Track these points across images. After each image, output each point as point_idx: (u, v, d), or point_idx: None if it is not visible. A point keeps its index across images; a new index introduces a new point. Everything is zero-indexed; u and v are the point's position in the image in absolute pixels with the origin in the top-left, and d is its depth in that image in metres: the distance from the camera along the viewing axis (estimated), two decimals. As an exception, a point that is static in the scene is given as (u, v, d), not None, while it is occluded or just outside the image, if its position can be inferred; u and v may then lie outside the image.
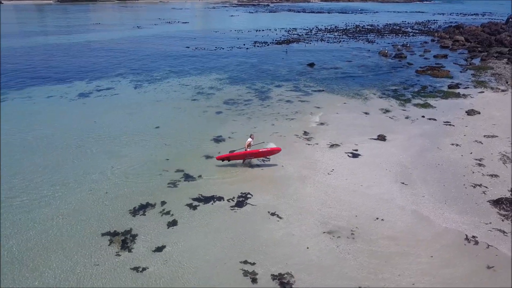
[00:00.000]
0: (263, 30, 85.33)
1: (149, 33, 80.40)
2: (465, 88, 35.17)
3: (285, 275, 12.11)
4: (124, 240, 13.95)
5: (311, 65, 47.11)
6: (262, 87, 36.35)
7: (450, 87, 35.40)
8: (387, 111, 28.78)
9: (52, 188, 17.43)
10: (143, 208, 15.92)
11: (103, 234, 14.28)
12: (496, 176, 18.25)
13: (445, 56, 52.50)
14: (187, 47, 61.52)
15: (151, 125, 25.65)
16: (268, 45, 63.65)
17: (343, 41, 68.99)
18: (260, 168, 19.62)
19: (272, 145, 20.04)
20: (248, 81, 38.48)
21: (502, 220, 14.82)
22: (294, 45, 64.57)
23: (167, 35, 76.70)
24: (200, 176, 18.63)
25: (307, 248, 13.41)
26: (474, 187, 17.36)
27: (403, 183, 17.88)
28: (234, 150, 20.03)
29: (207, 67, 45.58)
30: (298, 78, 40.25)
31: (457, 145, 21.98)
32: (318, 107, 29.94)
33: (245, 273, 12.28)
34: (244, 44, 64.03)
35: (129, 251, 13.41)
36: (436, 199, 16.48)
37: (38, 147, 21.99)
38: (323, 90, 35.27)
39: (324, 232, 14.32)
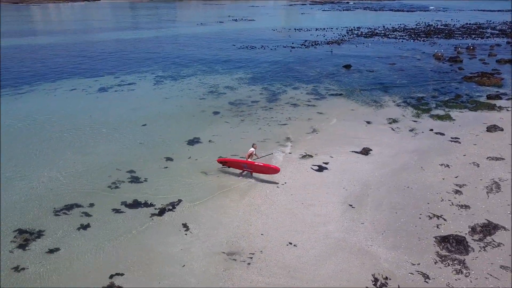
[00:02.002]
0: (324, 29, 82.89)
1: (207, 30, 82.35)
2: (508, 99, 30.53)
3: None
4: (28, 238, 14.04)
5: (347, 66, 44.45)
6: (278, 88, 35.07)
7: (489, 97, 31.05)
8: (394, 121, 25.99)
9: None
10: (70, 208, 15.96)
11: (14, 231, 14.52)
12: (466, 207, 15.41)
13: (511, 62, 46.21)
14: (233, 44, 61.77)
15: (139, 122, 25.93)
16: (317, 45, 61.49)
17: (402, 42, 64.25)
18: (212, 175, 18.70)
19: (276, 156, 19.02)
20: (268, 82, 37.38)
21: (435, 262, 12.39)
22: (345, 45, 61.68)
23: (221, 33, 77.84)
24: (145, 180, 18.32)
25: (183, 266, 12.38)
26: (431, 218, 14.82)
27: (351, 205, 15.88)
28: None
29: (237, 66, 45.21)
30: (323, 80, 38.17)
31: (446, 166, 19.04)
32: (321, 113, 28.10)
33: (110, 285, 11.66)
34: (292, 43, 62.61)
35: (24, 249, 13.47)
36: (375, 228, 14.34)
37: (15, 136, 23.19)
38: (341, 94, 33.02)
39: (223, 252, 13.15)
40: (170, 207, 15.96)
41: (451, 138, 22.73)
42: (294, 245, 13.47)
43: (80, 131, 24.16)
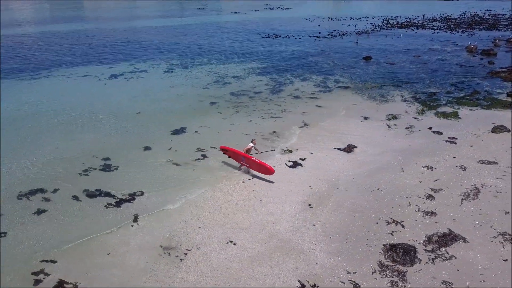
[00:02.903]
0: (358, 19, 79.96)
1: (238, 18, 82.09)
2: (531, 97, 28.02)
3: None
4: (-17, 220, 14.51)
5: (367, 58, 42.69)
6: (286, 79, 34.30)
7: (509, 94, 28.63)
8: (393, 118, 24.65)
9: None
10: (33, 193, 16.26)
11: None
12: (432, 214, 14.28)
13: (551, 56, 42.40)
14: (258, 33, 61.08)
15: (135, 110, 26.22)
16: (344, 35, 59.47)
17: (438, 33, 60.80)
18: (184, 167, 18.53)
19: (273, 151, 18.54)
20: (279, 73, 36.65)
21: (373, 272, 11.57)
22: (374, 36, 59.43)
23: (252, 21, 77.23)
24: (116, 169, 18.47)
25: (111, 256, 12.33)
26: (389, 224, 13.87)
27: (309, 205, 15.21)
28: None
29: (254, 56, 44.65)
30: (336, 72, 36.89)
31: (430, 168, 17.76)
32: (320, 106, 27.20)
33: (38, 272, 11.85)
34: (319, 33, 60.92)
35: (-25, 230, 13.94)
36: (325, 231, 13.63)
37: (8, 122, 23.94)
38: (348, 88, 31.83)
39: (160, 246, 13.01)
40: (129, 198, 15.97)
41: (448, 138, 21.18)
42: (234, 244, 13.07)
43: (73, 117, 24.80)
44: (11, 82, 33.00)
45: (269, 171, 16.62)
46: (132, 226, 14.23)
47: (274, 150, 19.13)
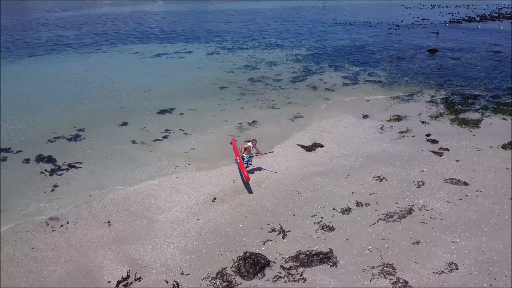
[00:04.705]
0: (460, 7, 70.95)
1: (321, 4, 78.89)
2: None
3: None
4: None
5: (433, 51, 38.33)
6: (319, 69, 32.64)
7: None
8: (397, 119, 21.96)
9: None
10: (1, 151, 18.40)
11: None
12: (330, 229, 12.56)
13: None
14: (333, 19, 58.52)
15: (145, 88, 27.53)
16: (426, 25, 53.42)
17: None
18: (142, 150, 18.88)
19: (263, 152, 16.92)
20: (318, 61, 34.99)
21: (203, 279, 10.74)
22: (465, 26, 52.52)
23: (334, 6, 73.72)
24: (82, 139, 19.67)
25: None
26: (272, 231, 12.65)
27: (215, 199, 14.61)
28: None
29: (308, 42, 43.22)
30: (380, 65, 33.95)
31: (380, 179, 15.54)
32: (327, 99, 25.44)
33: None
34: (401, 21, 55.85)
35: None
36: (203, 226, 12.95)
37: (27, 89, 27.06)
38: (378, 82, 29.05)
39: (48, 218, 13.71)
40: (66, 168, 16.99)
41: (439, 148, 18.14)
42: (109, 224, 13.17)
43: (87, 89, 26.96)
44: (72, 54, 37.09)
45: (246, 178, 14.91)
46: (45, 192, 15.06)
47: (273, 152, 17.91)
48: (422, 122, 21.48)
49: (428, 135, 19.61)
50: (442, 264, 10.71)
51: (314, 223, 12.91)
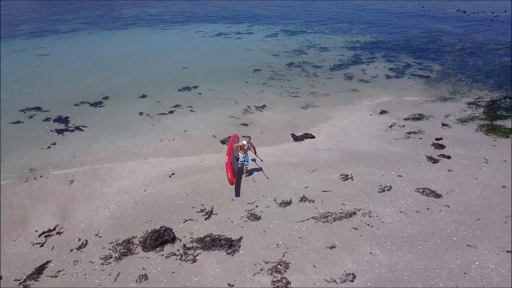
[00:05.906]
0: None
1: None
2: None
3: None
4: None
5: (516, 47, 33.25)
6: (369, 58, 30.96)
7: None
8: (416, 119, 20.11)
9: None
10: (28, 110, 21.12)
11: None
12: (255, 219, 12.53)
13: None
14: (413, 8, 53.74)
15: (183, 65, 28.93)
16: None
17: None
18: (144, 116, 20.27)
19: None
20: (373, 50, 33.26)
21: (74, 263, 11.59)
22: None
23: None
24: (102, 106, 21.69)
25: None
26: (185, 221, 12.99)
27: (173, 174, 15.32)
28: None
29: (373, 30, 40.56)
30: (440, 58, 30.90)
31: (346, 178, 14.62)
32: (355, 90, 24.26)
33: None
34: (505, 11, 49.20)
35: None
36: (145, 198, 13.84)
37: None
38: (425, 77, 26.62)
39: (30, 169, 15.74)
40: (72, 129, 18.83)
41: (439, 155, 16.30)
42: (71, 183, 14.63)
43: (131, 62, 29.23)
44: (143, 29, 40.19)
45: (229, 180, 13.11)
46: (41, 148, 17.10)
47: (262, 160, 17.31)
48: (443, 124, 19.24)
49: (438, 139, 17.59)
50: (340, 273, 9.95)
51: (245, 210, 12.74)
